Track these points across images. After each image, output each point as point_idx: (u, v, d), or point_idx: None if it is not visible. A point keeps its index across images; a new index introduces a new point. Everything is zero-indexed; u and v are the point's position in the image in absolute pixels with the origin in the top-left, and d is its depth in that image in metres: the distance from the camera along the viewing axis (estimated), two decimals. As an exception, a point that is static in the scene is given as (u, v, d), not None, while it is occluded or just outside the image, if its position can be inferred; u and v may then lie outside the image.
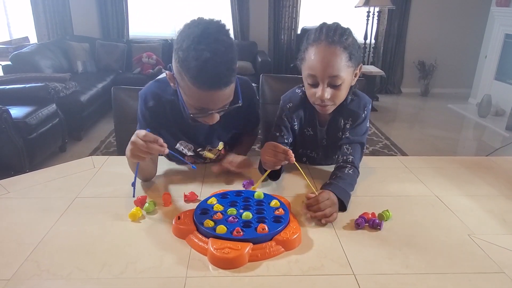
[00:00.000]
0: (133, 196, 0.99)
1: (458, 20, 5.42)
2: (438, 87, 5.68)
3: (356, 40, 1.05)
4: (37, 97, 3.04)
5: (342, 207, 0.95)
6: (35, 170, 1.17)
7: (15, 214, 0.92)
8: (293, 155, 0.95)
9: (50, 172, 1.15)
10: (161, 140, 0.90)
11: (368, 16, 4.99)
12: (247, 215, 0.86)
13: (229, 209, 0.89)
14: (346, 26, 1.05)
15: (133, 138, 0.91)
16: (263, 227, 0.81)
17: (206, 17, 0.94)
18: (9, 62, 3.87)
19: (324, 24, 1.04)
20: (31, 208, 0.95)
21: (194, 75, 0.88)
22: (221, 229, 0.80)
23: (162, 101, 1.09)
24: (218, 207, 0.89)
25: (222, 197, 0.95)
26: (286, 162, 0.97)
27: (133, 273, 0.72)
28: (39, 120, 2.88)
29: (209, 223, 0.82)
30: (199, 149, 1.20)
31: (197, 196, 1.01)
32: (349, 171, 1.06)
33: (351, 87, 1.09)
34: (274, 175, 1.08)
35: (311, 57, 1.02)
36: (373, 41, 5.20)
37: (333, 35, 1.00)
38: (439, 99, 5.39)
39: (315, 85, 1.04)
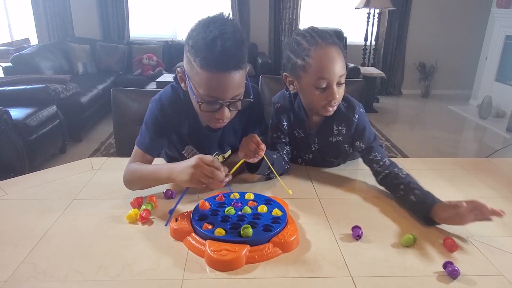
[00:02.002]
0: (166, 225, 0.89)
1: (459, 21, 5.42)
2: (439, 88, 5.68)
3: None
4: (37, 99, 3.05)
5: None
6: (35, 171, 1.17)
7: (13, 215, 0.92)
8: (264, 149, 0.97)
9: (48, 174, 1.15)
10: (223, 170, 0.90)
11: (368, 17, 4.99)
12: (245, 209, 0.88)
13: (227, 208, 0.89)
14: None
15: (195, 162, 0.89)
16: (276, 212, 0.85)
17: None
18: (9, 64, 3.89)
19: (311, 28, 1.06)
20: (29, 210, 0.95)
21: (203, 56, 0.88)
22: (220, 231, 0.80)
23: (179, 109, 1.07)
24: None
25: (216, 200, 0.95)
26: (258, 156, 0.97)
27: (129, 275, 0.72)
28: (40, 122, 2.89)
29: (207, 226, 0.82)
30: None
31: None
32: (403, 174, 1.03)
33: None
34: (253, 167, 1.07)
35: (319, 61, 1.01)
36: (373, 42, 5.20)
37: (327, 36, 1.03)
38: (440, 101, 5.39)
39: (325, 88, 1.03)
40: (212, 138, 1.13)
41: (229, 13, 0.95)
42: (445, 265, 0.74)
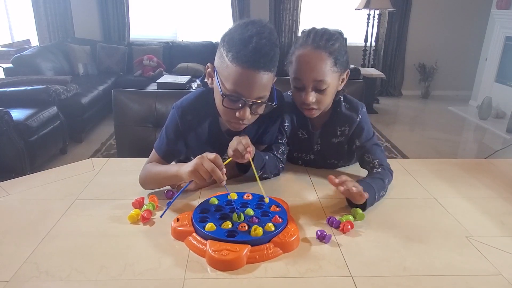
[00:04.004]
0: (161, 216, 0.92)
1: (459, 22, 5.43)
2: (439, 89, 5.68)
3: (344, 46, 1.06)
4: (38, 100, 3.06)
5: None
6: (36, 172, 1.18)
7: (15, 216, 0.93)
8: (251, 152, 0.94)
9: (49, 174, 1.16)
10: (224, 170, 0.90)
11: (368, 18, 5.00)
12: (248, 211, 0.88)
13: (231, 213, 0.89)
14: (335, 32, 1.06)
15: (200, 156, 0.90)
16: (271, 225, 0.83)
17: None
18: (10, 65, 3.89)
19: (312, 29, 1.06)
20: (31, 210, 0.95)
21: (237, 50, 0.90)
22: (227, 224, 0.82)
23: (200, 114, 1.08)
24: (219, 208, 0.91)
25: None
26: (246, 158, 0.94)
27: (131, 275, 0.72)
28: (40, 123, 2.89)
29: (211, 226, 0.82)
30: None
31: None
32: (378, 170, 1.08)
33: (338, 92, 1.11)
34: (243, 168, 1.06)
35: (297, 61, 1.03)
36: (373, 43, 5.21)
37: (320, 40, 1.01)
38: (440, 102, 5.40)
39: (300, 88, 1.05)
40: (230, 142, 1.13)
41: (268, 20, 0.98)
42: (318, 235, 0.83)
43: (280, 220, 0.85)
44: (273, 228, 0.82)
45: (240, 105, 0.95)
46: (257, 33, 0.90)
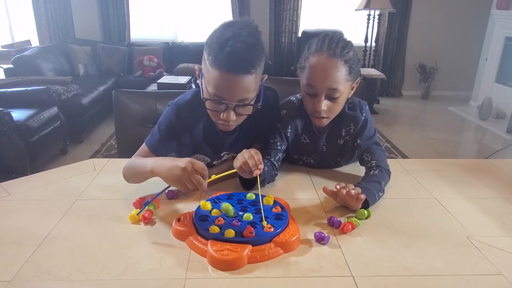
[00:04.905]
0: (137, 215, 0.90)
1: (459, 22, 5.43)
2: (439, 89, 5.68)
3: (356, 54, 1.05)
4: (38, 100, 3.06)
5: (367, 205, 0.96)
6: (37, 172, 1.18)
7: (16, 216, 0.93)
8: (261, 169, 0.91)
9: (51, 175, 1.16)
10: (207, 172, 0.87)
11: (368, 19, 5.00)
12: (247, 216, 0.86)
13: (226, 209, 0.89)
14: (348, 39, 1.05)
15: (185, 165, 0.86)
16: (269, 226, 0.82)
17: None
18: (11, 65, 3.90)
19: (326, 34, 1.04)
20: (32, 210, 0.95)
21: (215, 54, 0.90)
22: (230, 233, 0.80)
23: (195, 112, 1.08)
24: (216, 212, 0.88)
25: (214, 202, 0.93)
26: (254, 174, 0.91)
27: (132, 275, 0.72)
28: (41, 123, 2.90)
29: (215, 229, 0.81)
30: (215, 161, 1.17)
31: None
32: (375, 172, 1.07)
33: (347, 100, 1.10)
34: (249, 184, 1.03)
35: (311, 68, 1.02)
36: (373, 44, 5.20)
37: (335, 47, 1.00)
38: (440, 102, 5.40)
39: (313, 95, 1.04)
40: (226, 140, 1.13)
41: (253, 20, 0.98)
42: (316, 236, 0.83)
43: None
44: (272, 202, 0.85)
45: (223, 107, 0.95)
46: (233, 36, 0.89)
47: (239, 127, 1.08)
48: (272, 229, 0.81)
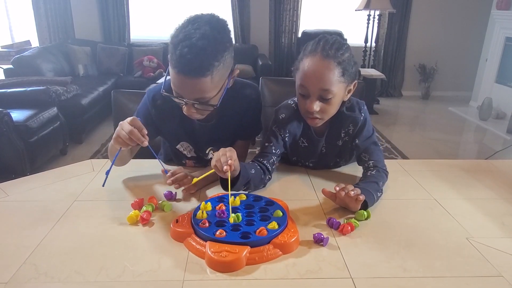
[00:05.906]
0: (103, 185, 1.00)
1: (459, 23, 5.43)
2: (439, 90, 5.68)
3: (352, 57, 1.04)
4: (38, 101, 3.05)
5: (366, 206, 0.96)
6: (36, 173, 1.18)
7: (14, 217, 0.93)
8: (231, 166, 0.88)
9: (49, 175, 1.15)
10: (145, 131, 0.92)
11: (368, 19, 5.00)
12: (235, 217, 0.85)
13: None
14: (344, 41, 1.05)
15: (124, 121, 0.94)
16: (261, 230, 0.81)
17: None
18: (11, 66, 3.89)
19: (323, 36, 1.04)
20: (30, 211, 0.95)
21: (170, 53, 0.93)
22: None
23: (170, 101, 1.07)
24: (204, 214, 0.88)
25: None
26: (225, 170, 0.89)
27: (130, 277, 0.72)
28: (40, 123, 2.89)
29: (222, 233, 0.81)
30: (201, 152, 1.19)
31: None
32: (372, 172, 1.08)
33: (343, 102, 1.10)
34: (227, 184, 0.98)
35: (305, 68, 1.02)
36: (373, 44, 5.20)
37: (329, 49, 1.00)
38: (440, 102, 5.39)
39: (305, 96, 1.04)
40: (204, 129, 1.15)
41: (217, 15, 0.98)
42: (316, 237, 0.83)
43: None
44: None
45: (183, 102, 0.98)
46: (184, 38, 0.89)
47: (215, 116, 1.11)
48: (265, 232, 0.80)
